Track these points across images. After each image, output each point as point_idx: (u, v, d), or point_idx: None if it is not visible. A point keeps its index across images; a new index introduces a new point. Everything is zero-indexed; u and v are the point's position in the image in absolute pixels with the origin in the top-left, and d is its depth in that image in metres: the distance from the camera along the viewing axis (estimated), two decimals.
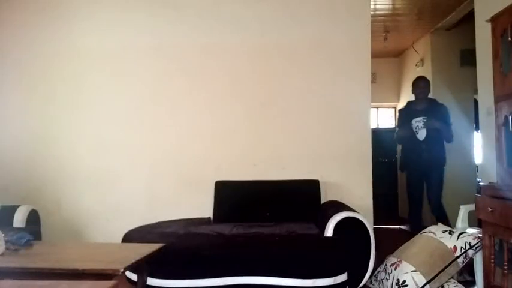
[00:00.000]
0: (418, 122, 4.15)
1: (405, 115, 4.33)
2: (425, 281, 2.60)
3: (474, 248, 2.68)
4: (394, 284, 2.68)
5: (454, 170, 5.39)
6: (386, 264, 2.91)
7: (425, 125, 4.13)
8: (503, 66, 2.58)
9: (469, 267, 2.85)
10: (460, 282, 2.84)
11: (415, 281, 2.60)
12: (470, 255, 2.71)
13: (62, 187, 3.99)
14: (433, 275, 2.62)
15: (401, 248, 3.05)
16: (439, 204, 4.26)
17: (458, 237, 2.75)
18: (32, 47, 4.10)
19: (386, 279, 2.77)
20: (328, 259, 2.72)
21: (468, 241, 2.70)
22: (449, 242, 2.74)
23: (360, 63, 3.88)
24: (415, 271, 2.64)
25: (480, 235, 2.67)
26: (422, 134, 4.14)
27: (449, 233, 2.82)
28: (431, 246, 2.78)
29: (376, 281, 2.91)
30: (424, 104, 4.26)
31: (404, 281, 2.63)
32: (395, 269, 2.76)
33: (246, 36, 3.96)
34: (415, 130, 4.18)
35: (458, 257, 2.68)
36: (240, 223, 3.32)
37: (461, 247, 2.69)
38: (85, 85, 4.05)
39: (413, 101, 4.38)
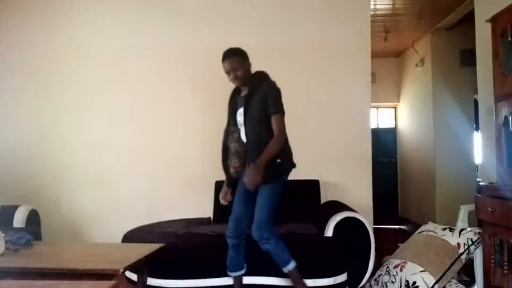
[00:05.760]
0: (240, 115, 2.60)
1: (230, 105, 2.73)
2: (434, 281, 2.59)
3: (476, 243, 2.69)
4: (403, 286, 2.65)
5: (454, 170, 5.40)
6: (388, 267, 2.86)
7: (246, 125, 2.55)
8: (503, 66, 2.58)
9: (465, 267, 2.85)
10: (457, 282, 2.84)
11: (425, 282, 2.59)
12: (472, 251, 2.72)
13: (62, 187, 3.99)
14: (440, 274, 2.62)
15: (399, 249, 3.04)
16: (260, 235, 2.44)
17: (460, 234, 2.75)
18: (32, 49, 4.10)
19: (392, 282, 2.73)
20: (328, 259, 2.73)
21: (470, 237, 2.71)
22: (452, 239, 2.74)
23: (360, 63, 3.88)
24: (423, 271, 2.63)
25: (480, 230, 2.68)
26: (243, 134, 2.61)
27: (450, 231, 2.82)
28: (436, 245, 2.78)
29: (378, 284, 2.87)
30: (246, 87, 2.64)
31: (414, 282, 2.60)
32: (401, 270, 2.73)
33: (246, 36, 3.95)
34: (239, 125, 2.63)
35: (462, 253, 2.68)
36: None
37: (464, 243, 2.70)
38: (85, 86, 4.05)
39: None
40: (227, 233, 2.60)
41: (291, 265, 2.49)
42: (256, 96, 2.53)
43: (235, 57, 2.60)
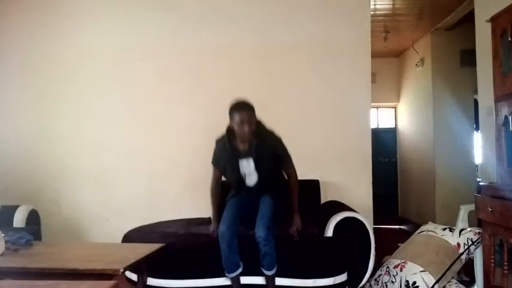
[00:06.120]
0: (246, 167, 2.82)
1: (226, 153, 2.86)
2: (434, 281, 2.60)
3: (476, 243, 2.69)
4: (403, 285, 2.65)
5: (454, 170, 5.40)
6: (388, 267, 2.86)
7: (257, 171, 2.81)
8: (503, 66, 2.58)
9: (465, 267, 2.85)
10: (457, 282, 2.84)
11: (425, 282, 2.59)
12: (472, 251, 2.72)
13: (62, 187, 3.99)
14: (440, 274, 2.62)
15: (399, 249, 3.04)
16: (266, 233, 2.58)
17: (460, 234, 2.75)
18: (32, 49, 4.10)
19: (392, 282, 2.73)
20: (328, 259, 2.73)
21: (470, 237, 2.71)
22: (452, 239, 2.75)
23: (360, 63, 3.88)
24: (423, 271, 2.63)
25: (480, 230, 2.69)
26: (251, 179, 2.85)
27: (450, 231, 2.82)
28: (435, 245, 2.78)
29: (378, 284, 2.87)
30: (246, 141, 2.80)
31: (414, 282, 2.60)
32: (401, 270, 2.73)
33: (246, 36, 3.96)
34: (242, 174, 2.85)
35: (462, 253, 2.68)
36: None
37: (464, 243, 2.70)
38: (86, 86, 4.05)
39: (232, 127, 2.80)
40: (222, 233, 2.63)
41: (276, 269, 2.64)
42: (266, 149, 2.79)
43: (251, 112, 2.74)
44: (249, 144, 2.79)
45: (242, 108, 2.71)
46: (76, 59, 4.05)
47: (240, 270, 2.66)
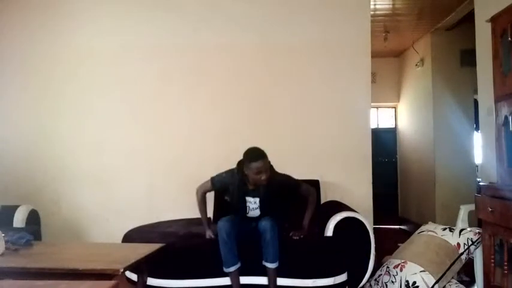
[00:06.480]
0: (251, 203, 2.91)
1: (235, 186, 2.90)
2: (434, 281, 2.60)
3: (476, 243, 2.69)
4: (403, 285, 2.65)
5: (454, 170, 5.40)
6: (388, 267, 2.86)
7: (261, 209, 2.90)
8: (503, 66, 2.58)
9: (465, 267, 2.85)
10: (457, 282, 2.84)
11: (425, 281, 2.59)
12: (472, 251, 2.73)
13: (62, 187, 3.99)
14: (440, 274, 2.62)
15: (399, 249, 3.04)
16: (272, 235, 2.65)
17: (460, 234, 2.75)
18: (32, 49, 4.10)
19: (392, 282, 2.73)
20: (328, 259, 2.73)
21: (470, 237, 2.71)
22: (452, 239, 2.75)
23: (360, 63, 3.88)
24: (423, 271, 2.63)
25: (480, 230, 2.69)
26: (254, 214, 2.93)
27: (450, 231, 2.82)
28: (435, 245, 2.78)
29: (378, 284, 2.87)
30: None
31: (414, 282, 2.61)
32: (401, 270, 2.73)
33: (246, 36, 3.96)
34: (247, 208, 2.92)
35: (462, 253, 2.68)
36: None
37: (464, 243, 2.70)
38: (86, 86, 4.05)
39: (245, 173, 2.82)
40: (221, 225, 2.69)
41: (277, 263, 2.65)
42: (274, 190, 2.87)
43: (267, 160, 2.81)
44: (257, 186, 2.85)
45: (259, 159, 2.77)
46: (76, 59, 4.05)
47: (238, 265, 2.66)
